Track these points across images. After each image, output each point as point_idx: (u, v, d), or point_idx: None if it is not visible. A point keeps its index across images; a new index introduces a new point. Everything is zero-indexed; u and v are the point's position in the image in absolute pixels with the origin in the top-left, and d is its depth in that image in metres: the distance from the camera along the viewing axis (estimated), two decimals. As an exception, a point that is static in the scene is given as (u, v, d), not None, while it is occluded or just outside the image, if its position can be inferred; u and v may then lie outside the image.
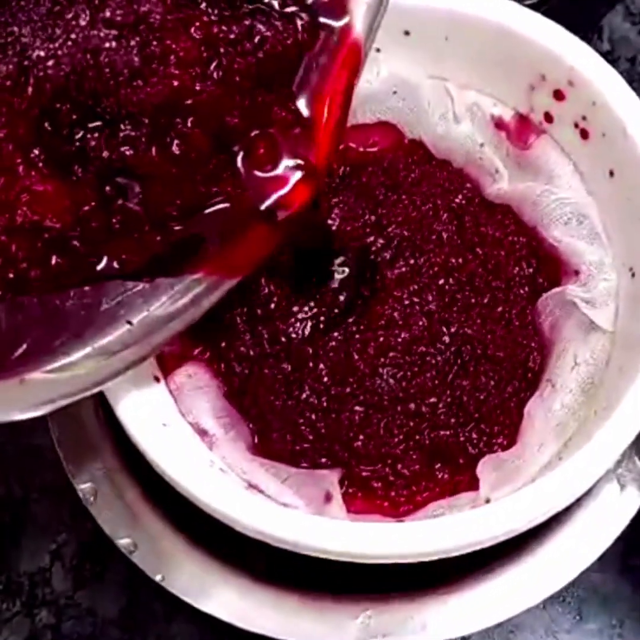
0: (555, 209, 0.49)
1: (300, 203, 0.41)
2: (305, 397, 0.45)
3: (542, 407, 0.46)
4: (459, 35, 0.50)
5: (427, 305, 0.47)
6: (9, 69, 0.38)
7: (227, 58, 0.40)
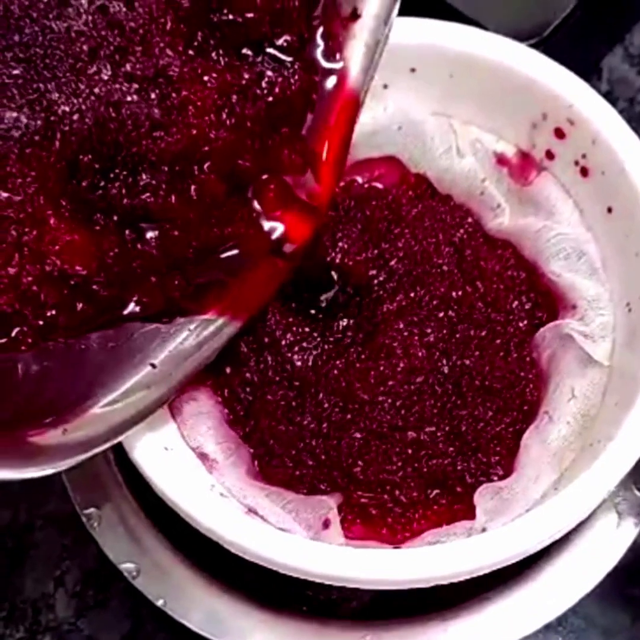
0: (554, 244, 0.49)
1: (304, 238, 0.43)
2: (306, 423, 0.46)
3: (538, 438, 0.46)
4: (463, 73, 0.51)
5: (427, 337, 0.47)
6: (37, 124, 0.39)
7: (239, 105, 0.41)
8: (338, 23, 0.44)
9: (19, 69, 0.39)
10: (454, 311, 0.48)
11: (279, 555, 0.41)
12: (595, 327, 0.47)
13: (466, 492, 0.45)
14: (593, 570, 0.45)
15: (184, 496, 0.42)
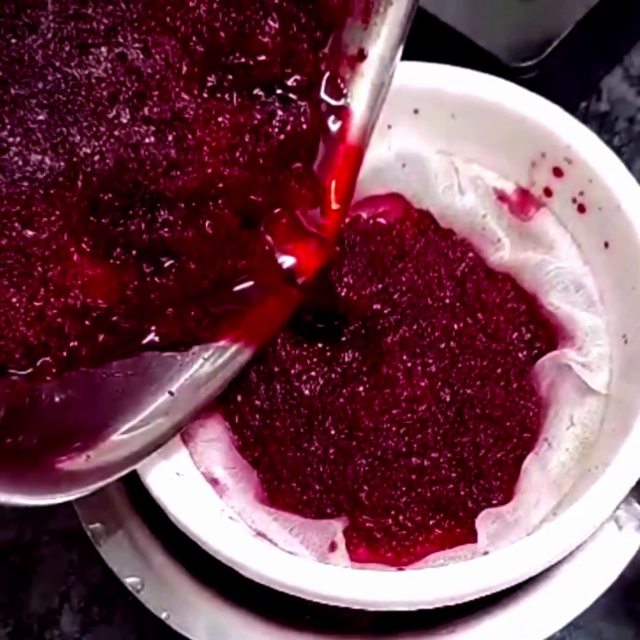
0: (553, 277, 0.50)
1: (315, 269, 0.45)
2: (313, 449, 0.47)
3: (539, 464, 0.47)
4: (464, 114, 0.52)
5: (429, 367, 0.48)
6: (60, 166, 0.41)
7: (252, 143, 0.43)
8: (345, 63, 0.45)
9: (43, 114, 0.40)
10: (456, 342, 0.49)
11: (287, 578, 0.42)
12: (593, 357, 0.48)
13: (468, 517, 0.46)
14: (594, 584, 0.45)
15: (194, 520, 0.43)
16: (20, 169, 0.40)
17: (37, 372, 0.41)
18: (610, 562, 0.45)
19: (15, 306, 0.40)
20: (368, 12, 0.45)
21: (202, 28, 0.42)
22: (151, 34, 0.42)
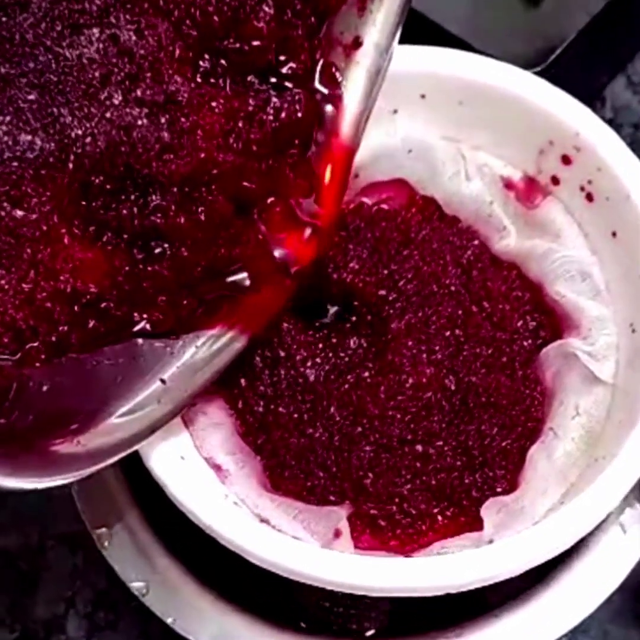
0: (559, 266, 0.50)
1: (309, 258, 0.44)
2: (317, 435, 0.46)
3: (544, 453, 0.46)
4: (471, 100, 0.51)
5: (435, 354, 0.48)
6: (51, 147, 0.40)
7: (246, 129, 0.42)
8: (340, 51, 0.45)
9: (34, 94, 0.40)
10: (461, 330, 0.48)
11: (292, 563, 0.41)
12: (599, 346, 0.48)
13: (472, 505, 0.46)
14: (601, 588, 0.45)
15: (199, 505, 0.43)
16: (10, 149, 0.39)
17: (26, 357, 0.40)
18: (615, 566, 0.45)
19: (4, 288, 0.40)
20: (364, 0, 0.44)
21: (196, 12, 0.42)
22: (144, 15, 0.41)
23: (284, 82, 0.43)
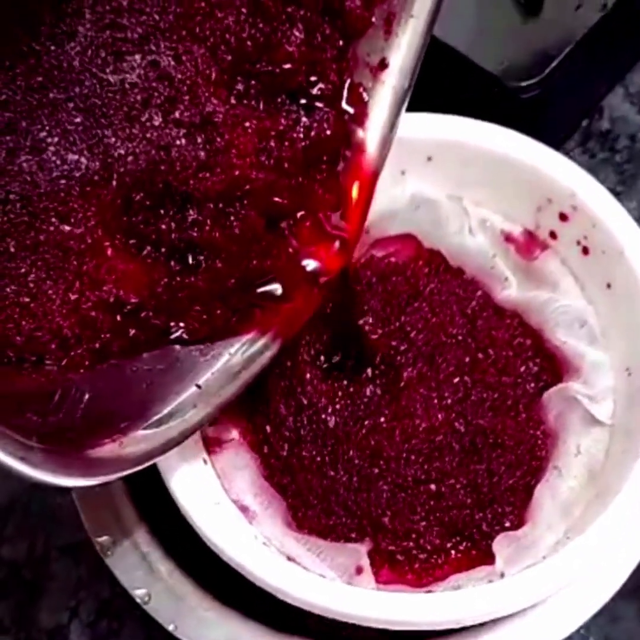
0: (558, 314, 0.53)
1: (336, 270, 0.47)
2: (338, 477, 0.49)
3: (549, 490, 0.49)
4: (474, 162, 0.55)
5: (445, 400, 0.51)
6: (96, 166, 0.42)
7: (277, 148, 0.44)
8: (367, 72, 0.47)
9: (80, 117, 0.41)
10: (469, 376, 0.51)
11: (322, 601, 0.44)
12: (598, 389, 0.51)
13: (483, 540, 0.49)
14: (602, 590, 0.47)
15: (233, 547, 0.45)
16: (58, 168, 0.41)
17: (71, 363, 0.42)
18: (616, 568, 0.47)
19: (51, 298, 0.41)
20: (390, 24, 0.46)
21: (230, 38, 0.43)
22: (182, 42, 0.43)
23: (314, 103, 0.45)
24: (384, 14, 0.46)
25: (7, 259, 0.40)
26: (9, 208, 0.40)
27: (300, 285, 0.46)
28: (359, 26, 0.45)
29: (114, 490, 0.51)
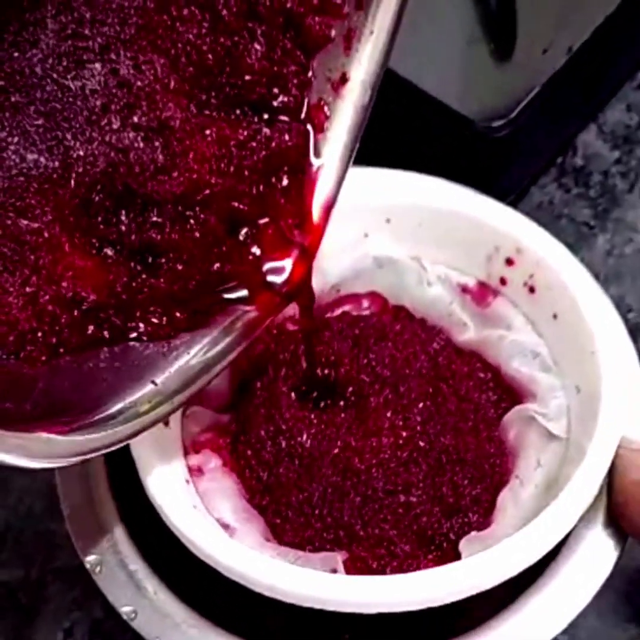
0: (512, 348, 0.56)
1: (299, 278, 0.47)
2: (314, 491, 0.51)
3: (511, 498, 0.51)
4: (428, 222, 0.59)
5: (409, 421, 0.53)
6: (55, 165, 0.42)
7: (237, 156, 0.45)
8: (328, 87, 0.47)
9: (41, 119, 0.42)
10: (431, 402, 0.54)
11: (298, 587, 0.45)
12: (552, 408, 0.53)
13: (450, 547, 0.50)
14: (582, 592, 0.47)
15: (212, 547, 0.46)
16: (17, 166, 0.41)
17: (27, 357, 0.41)
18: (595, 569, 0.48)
19: (8, 290, 0.41)
20: (350, 39, 0.46)
21: (192, 50, 0.44)
22: (142, 52, 0.43)
23: (276, 115, 0.46)
24: (343, 30, 0.46)
25: None
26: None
27: (261, 291, 0.46)
28: (319, 42, 0.46)
29: (104, 512, 0.51)
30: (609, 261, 0.69)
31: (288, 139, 0.46)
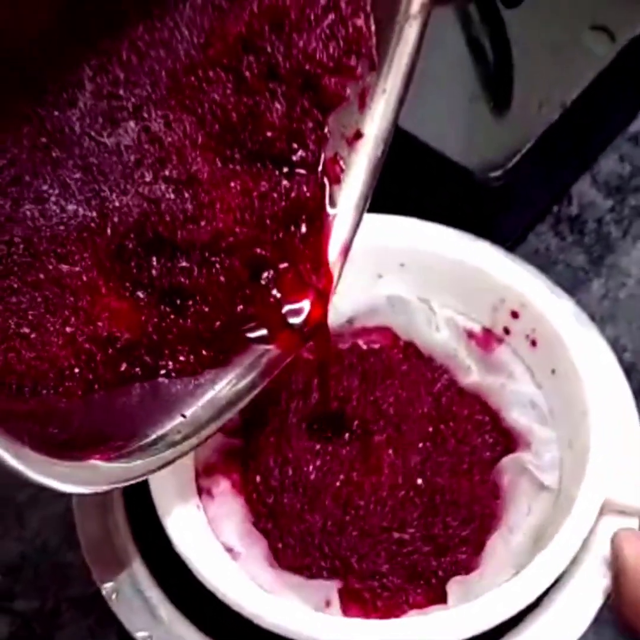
0: (513, 397, 0.59)
1: (317, 319, 0.50)
2: (315, 522, 0.54)
3: (501, 543, 0.54)
4: (439, 268, 0.61)
5: (408, 461, 0.56)
6: (92, 215, 0.45)
7: (259, 206, 0.48)
8: (344, 142, 0.50)
9: (79, 173, 0.45)
10: (430, 442, 0.57)
11: (294, 626, 0.47)
12: (546, 460, 0.56)
13: (439, 584, 0.53)
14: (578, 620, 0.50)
15: (218, 579, 0.49)
16: (58, 216, 0.44)
17: (66, 391, 0.43)
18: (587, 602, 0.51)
19: (49, 330, 0.43)
20: (363, 98, 0.50)
21: (217, 109, 0.47)
22: (172, 111, 0.46)
23: (295, 168, 0.48)
24: (358, 89, 0.49)
25: (10, 294, 0.43)
26: (13, 250, 0.43)
27: (282, 331, 0.49)
28: (335, 100, 0.49)
29: (120, 541, 0.53)
30: (604, 304, 0.72)
31: (306, 190, 0.49)
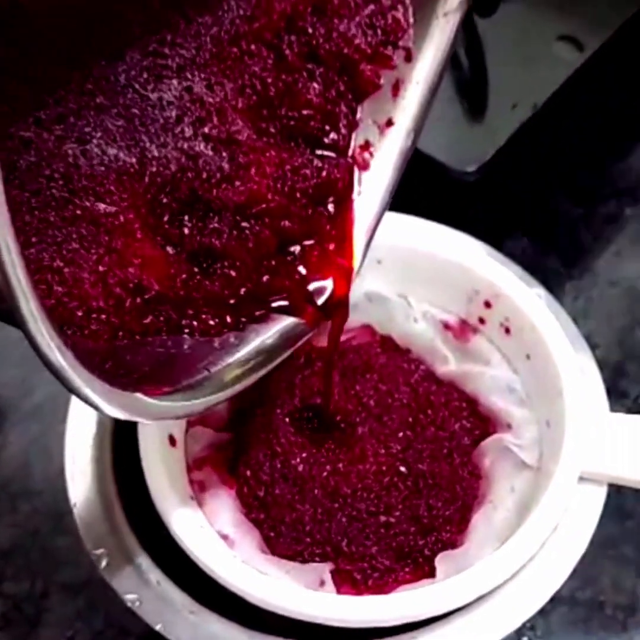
0: (491, 383, 0.61)
1: (338, 296, 0.51)
2: (305, 510, 0.56)
3: (484, 520, 0.56)
4: (415, 263, 0.63)
5: (391, 449, 0.58)
6: (132, 161, 0.45)
7: (292, 179, 0.48)
8: (375, 128, 0.51)
9: (121, 121, 0.45)
10: (411, 431, 0.59)
11: (292, 605, 0.50)
12: (526, 439, 0.58)
13: (426, 562, 0.55)
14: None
15: (216, 563, 0.51)
16: (98, 157, 0.44)
17: (91, 334, 0.42)
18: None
19: (82, 266, 0.42)
20: (397, 88, 0.50)
21: (256, 82, 0.48)
22: (215, 75, 0.47)
23: (326, 151, 0.49)
24: (392, 79, 0.51)
25: (46, 228, 0.42)
26: (52, 184, 0.42)
27: (306, 306, 0.49)
28: (369, 87, 0.50)
29: (113, 514, 0.55)
30: (577, 304, 0.75)
31: (336, 172, 0.49)
